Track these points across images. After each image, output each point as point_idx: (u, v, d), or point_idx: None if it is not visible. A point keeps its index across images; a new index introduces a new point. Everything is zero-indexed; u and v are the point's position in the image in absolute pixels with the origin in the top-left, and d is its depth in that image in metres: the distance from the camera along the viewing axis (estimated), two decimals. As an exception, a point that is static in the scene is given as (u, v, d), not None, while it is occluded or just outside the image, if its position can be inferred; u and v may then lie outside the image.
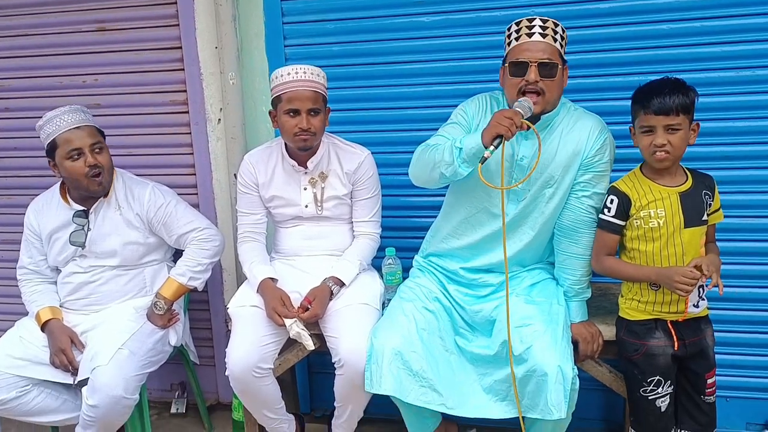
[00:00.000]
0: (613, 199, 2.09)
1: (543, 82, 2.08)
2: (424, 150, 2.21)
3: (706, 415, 2.14)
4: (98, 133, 2.51)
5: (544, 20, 2.11)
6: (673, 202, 2.04)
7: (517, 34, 2.13)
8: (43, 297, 2.60)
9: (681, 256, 2.04)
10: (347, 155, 2.51)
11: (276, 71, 2.39)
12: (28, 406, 2.45)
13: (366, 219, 2.55)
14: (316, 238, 2.55)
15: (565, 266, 2.26)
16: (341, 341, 2.25)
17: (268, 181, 2.52)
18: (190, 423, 3.08)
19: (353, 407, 2.35)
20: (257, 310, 2.38)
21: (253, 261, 2.50)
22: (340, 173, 2.50)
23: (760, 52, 2.43)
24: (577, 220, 2.21)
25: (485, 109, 2.28)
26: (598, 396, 2.75)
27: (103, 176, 2.48)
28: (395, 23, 2.70)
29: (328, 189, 2.50)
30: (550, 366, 2.01)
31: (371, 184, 2.52)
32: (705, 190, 2.08)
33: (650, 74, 2.46)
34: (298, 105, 2.33)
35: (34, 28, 2.99)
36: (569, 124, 2.20)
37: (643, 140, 2.04)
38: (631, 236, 2.10)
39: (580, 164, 2.18)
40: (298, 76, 2.34)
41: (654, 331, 2.08)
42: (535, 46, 2.09)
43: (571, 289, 2.26)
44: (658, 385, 2.08)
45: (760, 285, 2.57)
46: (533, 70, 2.07)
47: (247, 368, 2.29)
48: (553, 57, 2.09)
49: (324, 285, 2.39)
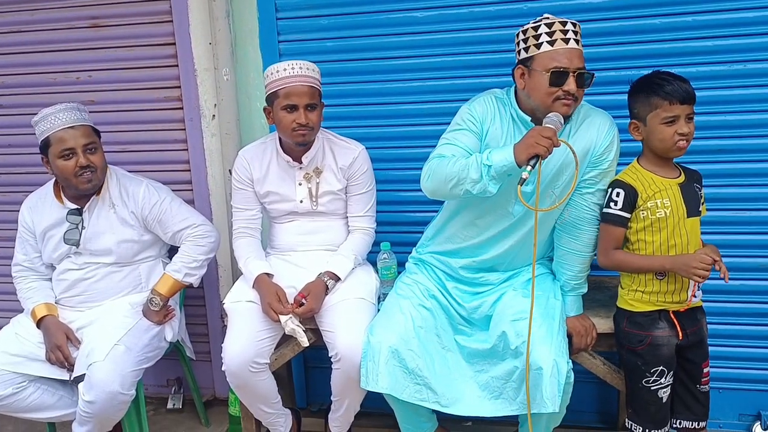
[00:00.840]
0: (620, 192, 2.08)
1: (578, 91, 2.04)
2: (440, 164, 2.08)
3: (701, 405, 2.16)
4: (93, 133, 2.50)
5: (573, 24, 2.05)
6: (676, 193, 2.06)
7: (550, 38, 2.02)
8: (38, 294, 2.60)
9: (686, 246, 2.06)
10: (342, 150, 2.51)
11: (270, 68, 2.39)
12: (25, 403, 2.46)
13: (361, 214, 2.55)
14: (311, 233, 2.55)
15: (564, 261, 2.27)
16: (337, 336, 2.25)
17: (262, 177, 2.52)
18: (187, 418, 3.09)
19: (350, 401, 2.36)
20: (253, 305, 2.39)
21: (249, 256, 2.50)
22: (335, 168, 2.50)
23: (752, 46, 2.44)
24: (579, 216, 2.20)
25: (494, 112, 2.18)
26: (591, 388, 2.77)
27: (95, 175, 2.47)
28: (389, 18, 2.70)
29: (323, 184, 2.50)
30: (545, 360, 2.02)
31: (366, 179, 2.53)
32: (695, 183, 2.12)
33: (643, 68, 2.47)
34: (295, 100, 2.33)
35: (27, 24, 2.98)
36: (578, 121, 2.15)
37: (665, 131, 2.01)
38: (636, 228, 2.09)
39: (588, 162, 2.15)
40: (294, 71, 2.34)
41: (658, 322, 2.09)
42: (574, 54, 2.02)
43: (568, 284, 2.27)
44: (661, 376, 2.09)
45: (753, 277, 2.59)
46: (572, 80, 2.01)
47: (243, 363, 2.29)
48: (584, 65, 2.05)
49: (319, 280, 2.40)
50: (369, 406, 2.46)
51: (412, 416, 2.32)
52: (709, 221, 2.29)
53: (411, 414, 2.31)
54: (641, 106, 2.06)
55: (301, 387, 3.07)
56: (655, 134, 2.04)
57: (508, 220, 2.23)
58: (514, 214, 2.22)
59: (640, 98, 2.06)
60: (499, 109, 2.19)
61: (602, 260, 2.17)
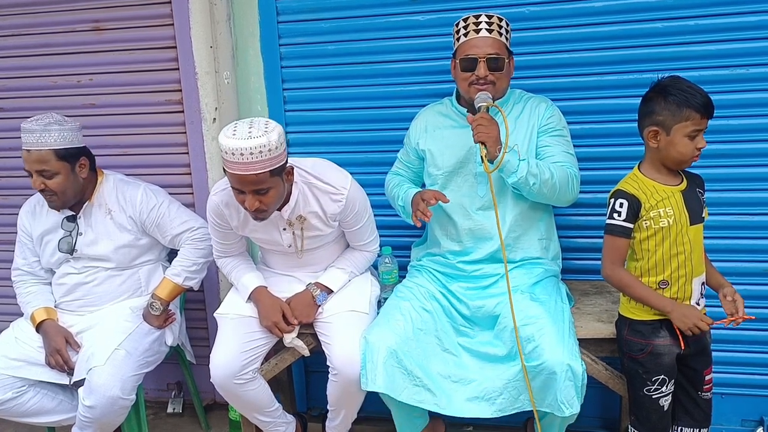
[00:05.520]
0: (623, 203, 2.03)
1: (493, 75, 2.23)
2: (388, 182, 2.55)
3: (703, 412, 2.14)
4: (53, 158, 2.37)
5: (489, 16, 2.24)
6: (678, 201, 2.02)
7: (465, 30, 2.26)
8: (38, 298, 2.60)
9: (690, 254, 2.03)
10: (326, 196, 2.29)
11: (221, 139, 2.04)
12: (25, 407, 2.45)
13: (362, 243, 2.46)
14: (303, 265, 2.46)
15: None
16: (334, 348, 2.23)
17: (241, 224, 2.35)
18: (187, 423, 3.08)
19: (346, 411, 2.34)
20: (240, 318, 2.34)
21: (238, 267, 2.44)
22: (321, 215, 2.31)
23: (754, 50, 2.43)
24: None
25: (425, 123, 2.45)
26: (593, 393, 2.74)
27: (55, 198, 2.43)
28: (390, 22, 2.70)
29: (308, 230, 2.34)
30: (558, 364, 2.02)
31: (360, 215, 2.35)
32: (698, 188, 2.09)
33: (645, 72, 2.49)
34: (241, 187, 2.09)
35: (28, 27, 2.98)
36: (519, 106, 2.37)
37: (688, 145, 1.96)
38: (639, 238, 2.05)
39: (537, 133, 2.32)
40: (236, 158, 2.01)
41: (659, 331, 2.06)
42: (484, 42, 2.23)
43: (527, 161, 2.18)
44: (662, 384, 2.06)
45: (755, 282, 2.58)
46: (483, 65, 2.22)
47: (229, 375, 2.26)
48: (500, 51, 2.24)
49: (305, 291, 2.37)
50: (368, 410, 2.45)
51: (406, 415, 2.32)
52: (710, 225, 2.28)
53: (405, 414, 2.31)
54: (669, 115, 1.96)
55: (301, 391, 3.06)
56: (676, 146, 1.97)
57: (476, 211, 2.35)
58: (478, 178, 2.34)
59: (669, 107, 1.95)
60: (434, 116, 2.45)
61: (607, 272, 2.11)
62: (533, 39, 2.57)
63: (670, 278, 2.04)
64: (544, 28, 2.57)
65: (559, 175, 2.19)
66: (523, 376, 2.08)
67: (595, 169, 2.60)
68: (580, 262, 2.72)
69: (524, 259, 2.37)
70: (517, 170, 2.15)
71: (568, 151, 2.31)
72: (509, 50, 2.29)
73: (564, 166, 2.24)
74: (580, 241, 2.71)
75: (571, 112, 2.49)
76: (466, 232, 2.37)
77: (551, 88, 2.57)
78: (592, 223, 2.67)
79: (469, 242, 2.37)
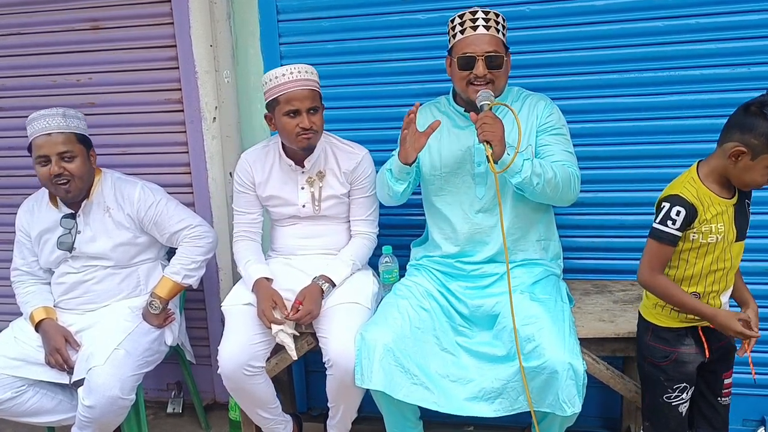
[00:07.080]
0: (680, 211, 1.88)
1: (491, 73, 2.19)
2: (379, 176, 2.43)
3: (721, 418, 2.09)
4: (75, 141, 2.43)
5: (485, 12, 2.19)
6: (730, 216, 1.91)
7: (461, 27, 2.20)
8: (37, 298, 2.59)
9: (728, 271, 1.95)
10: (345, 154, 2.50)
11: (268, 74, 2.37)
12: (24, 407, 2.45)
13: (363, 217, 2.54)
14: (312, 237, 2.54)
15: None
16: (330, 341, 2.24)
17: (264, 181, 2.51)
18: (187, 423, 3.07)
19: (345, 407, 2.34)
20: (249, 308, 2.37)
21: (249, 260, 2.49)
22: (338, 172, 2.49)
23: (755, 48, 2.43)
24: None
25: (422, 122, 2.27)
26: (594, 392, 2.74)
27: (72, 184, 2.44)
28: (390, 21, 2.69)
29: (325, 188, 2.49)
30: (560, 363, 2.00)
31: (369, 183, 2.51)
32: (746, 200, 1.98)
33: (647, 71, 2.49)
34: (297, 105, 2.32)
35: (27, 26, 2.97)
36: (518, 104, 2.32)
37: (765, 175, 1.84)
38: (682, 248, 1.93)
39: (536, 131, 2.28)
40: (293, 76, 2.33)
41: (684, 338, 1.99)
42: (481, 39, 2.18)
43: (531, 161, 2.14)
44: (683, 391, 2.01)
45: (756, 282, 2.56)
46: (481, 63, 2.18)
47: (237, 366, 2.28)
48: (498, 49, 2.20)
49: (314, 284, 2.38)
50: (369, 410, 2.44)
51: (399, 420, 2.30)
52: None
53: (398, 418, 2.29)
54: (765, 142, 1.79)
55: (301, 391, 3.05)
56: (753, 174, 1.85)
57: (476, 210, 2.33)
58: (476, 179, 2.32)
59: (760, 136, 1.79)
60: (431, 115, 2.38)
61: (645, 278, 1.97)
62: (533, 38, 2.57)
63: (703, 291, 1.96)
64: (544, 26, 2.56)
65: (561, 175, 2.17)
66: (529, 377, 2.06)
67: (596, 168, 2.60)
68: (581, 261, 2.71)
69: (524, 261, 2.36)
70: (521, 170, 2.11)
71: (568, 150, 2.29)
72: (506, 46, 2.25)
73: (565, 165, 2.22)
74: (581, 241, 2.70)
75: (571, 111, 2.49)
76: (465, 236, 2.35)
77: (552, 87, 2.56)
78: (593, 223, 2.67)
79: (468, 245, 2.36)
